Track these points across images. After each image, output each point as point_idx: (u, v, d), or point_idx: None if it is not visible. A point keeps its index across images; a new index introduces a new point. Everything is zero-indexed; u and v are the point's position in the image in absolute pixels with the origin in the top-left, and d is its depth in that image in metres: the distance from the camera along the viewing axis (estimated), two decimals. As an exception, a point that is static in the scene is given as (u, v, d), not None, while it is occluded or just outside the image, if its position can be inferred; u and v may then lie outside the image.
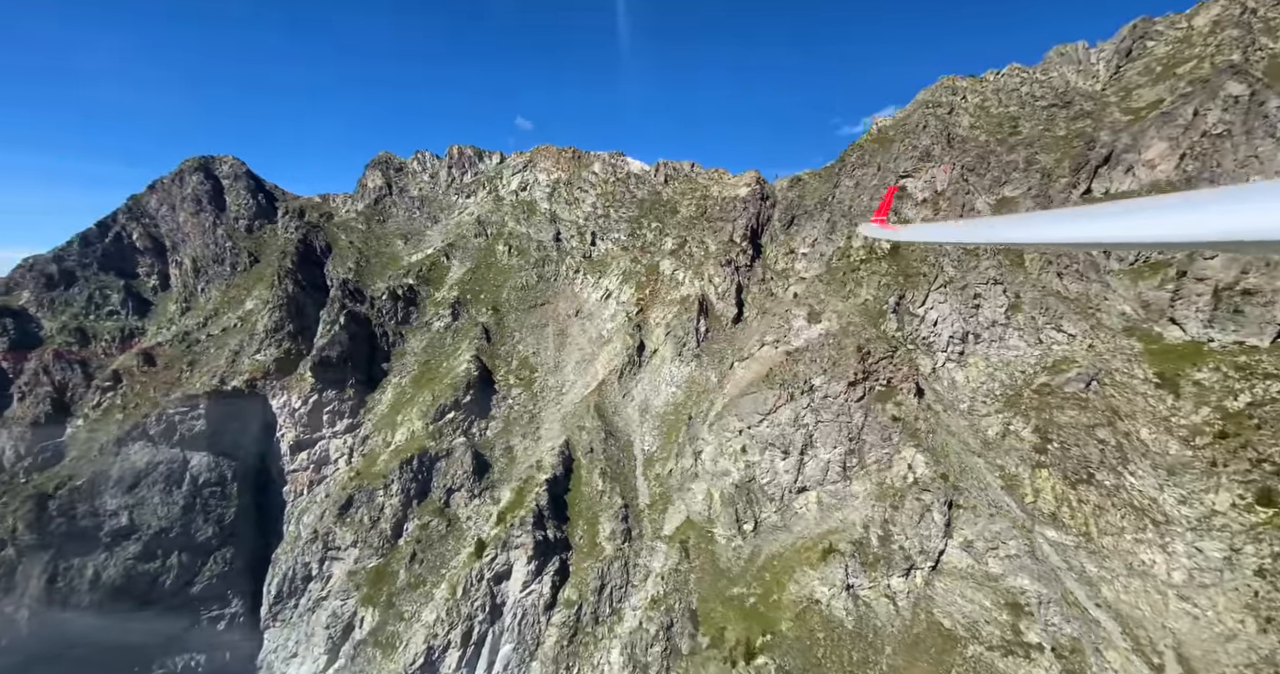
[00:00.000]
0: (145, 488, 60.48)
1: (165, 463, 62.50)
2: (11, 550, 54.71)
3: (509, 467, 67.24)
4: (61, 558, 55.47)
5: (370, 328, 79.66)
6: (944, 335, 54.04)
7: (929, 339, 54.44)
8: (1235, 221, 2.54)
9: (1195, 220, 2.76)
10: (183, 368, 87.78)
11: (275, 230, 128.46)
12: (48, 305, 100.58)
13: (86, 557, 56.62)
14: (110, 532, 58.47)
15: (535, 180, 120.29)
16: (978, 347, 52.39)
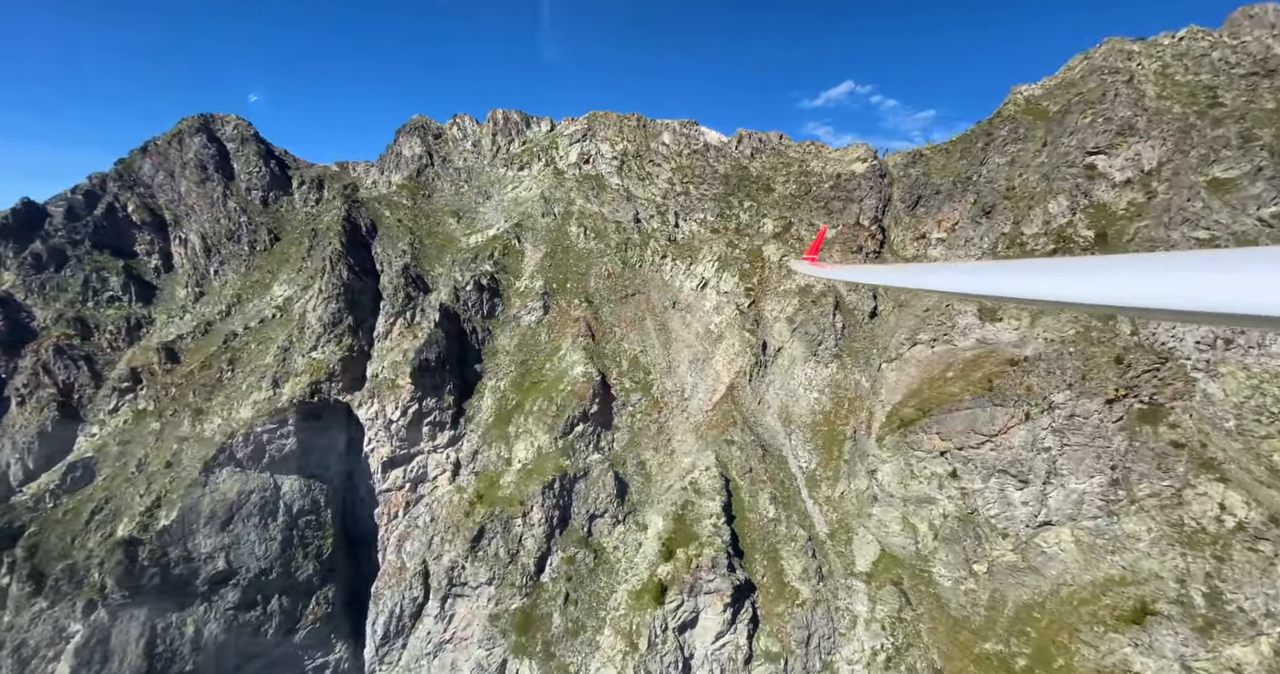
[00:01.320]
0: (240, 523, 50.45)
1: (257, 491, 52.37)
2: (103, 613, 44.39)
3: (645, 486, 59.17)
4: (158, 616, 45.50)
5: (459, 324, 69.09)
6: (1188, 341, 47.64)
7: (1169, 345, 47.94)
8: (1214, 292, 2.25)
9: (1164, 285, 2.51)
10: (222, 367, 75.63)
11: (292, 203, 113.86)
12: (38, 290, 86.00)
13: (185, 612, 46.80)
14: (207, 579, 48.62)
15: (598, 151, 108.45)
16: (1229, 354, 46.23)
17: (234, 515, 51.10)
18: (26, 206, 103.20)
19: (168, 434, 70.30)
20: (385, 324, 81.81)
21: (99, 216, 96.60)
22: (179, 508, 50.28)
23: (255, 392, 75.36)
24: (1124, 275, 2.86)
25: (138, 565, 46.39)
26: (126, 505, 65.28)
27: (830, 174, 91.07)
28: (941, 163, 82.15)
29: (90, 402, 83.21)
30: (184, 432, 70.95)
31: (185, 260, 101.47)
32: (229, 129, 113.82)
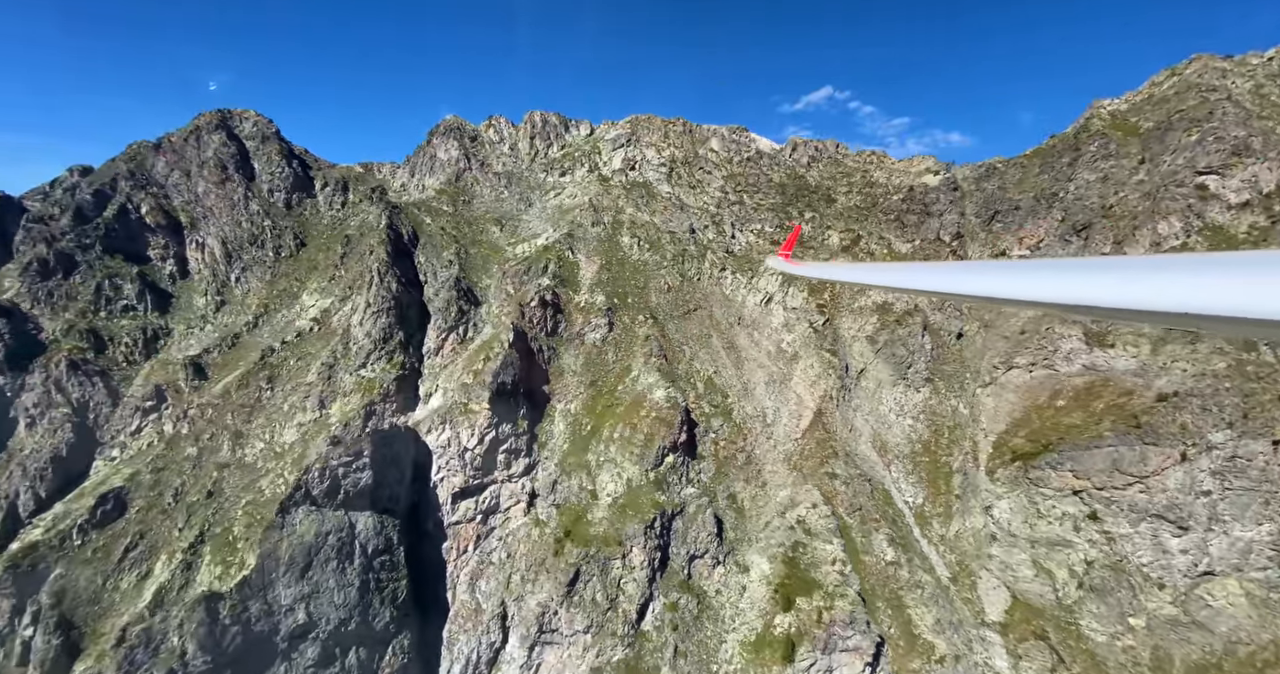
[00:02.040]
0: (318, 569, 45.66)
1: (334, 532, 47.58)
2: (183, 688, 39.18)
3: (739, 522, 55.55)
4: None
5: (526, 342, 64.82)
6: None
7: (1317, 379, 45.83)
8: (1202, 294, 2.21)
9: (1144, 288, 2.54)
10: (260, 385, 70.20)
11: (316, 206, 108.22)
12: (45, 299, 79.46)
13: (265, 673, 41.68)
14: (288, 634, 43.73)
15: (643, 157, 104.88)
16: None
17: (312, 560, 46.23)
18: (2, 201, 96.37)
19: (206, 460, 64.80)
20: (436, 340, 77.14)
21: (110, 219, 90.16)
22: (257, 554, 45.22)
23: (299, 412, 70.18)
24: (1114, 277, 2.80)
25: (219, 625, 41.33)
26: (164, 541, 59.81)
27: (897, 186, 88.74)
28: (1017, 177, 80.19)
29: (107, 422, 76.85)
30: (224, 457, 65.51)
31: (203, 266, 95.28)
32: (248, 126, 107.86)
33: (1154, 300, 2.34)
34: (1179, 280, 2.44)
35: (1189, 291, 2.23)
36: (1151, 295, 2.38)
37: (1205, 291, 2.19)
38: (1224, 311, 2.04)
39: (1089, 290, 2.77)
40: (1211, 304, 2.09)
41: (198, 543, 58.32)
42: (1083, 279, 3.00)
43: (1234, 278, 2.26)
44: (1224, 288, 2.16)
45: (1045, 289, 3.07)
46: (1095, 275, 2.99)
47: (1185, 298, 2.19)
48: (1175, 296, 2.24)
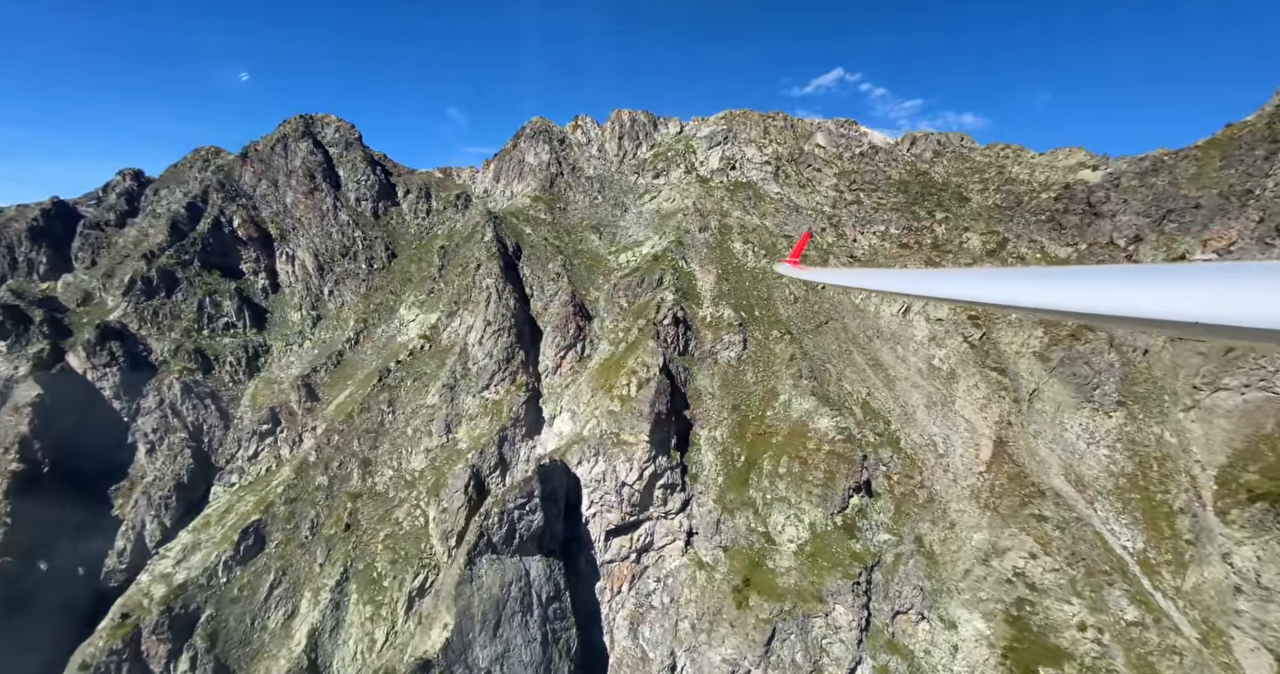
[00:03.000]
0: (506, 624, 42.56)
1: (515, 582, 44.48)
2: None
3: (932, 570, 50.84)
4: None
5: (664, 363, 60.80)
6: None
7: None
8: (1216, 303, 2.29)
9: (1171, 296, 2.57)
10: (381, 408, 67.74)
11: (401, 214, 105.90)
12: (150, 319, 78.44)
13: None
14: None
15: (743, 155, 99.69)
16: None
17: (501, 615, 43.15)
18: (57, 206, 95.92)
19: (337, 490, 62.64)
20: (554, 358, 73.81)
21: (205, 233, 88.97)
22: (454, 613, 42.23)
23: (424, 437, 67.68)
24: (1138, 286, 2.82)
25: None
26: (305, 576, 57.86)
27: (1044, 182, 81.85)
28: (1191, 171, 72.89)
29: (220, 445, 75.77)
30: (355, 486, 63.30)
31: (295, 279, 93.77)
32: (330, 131, 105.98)
33: (1179, 309, 2.36)
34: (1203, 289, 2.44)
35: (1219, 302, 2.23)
36: (1177, 304, 2.40)
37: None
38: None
39: (1125, 299, 2.73)
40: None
41: (343, 580, 56.12)
42: (1118, 287, 2.92)
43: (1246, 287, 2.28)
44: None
45: (1076, 297, 3.03)
46: (1130, 282, 2.91)
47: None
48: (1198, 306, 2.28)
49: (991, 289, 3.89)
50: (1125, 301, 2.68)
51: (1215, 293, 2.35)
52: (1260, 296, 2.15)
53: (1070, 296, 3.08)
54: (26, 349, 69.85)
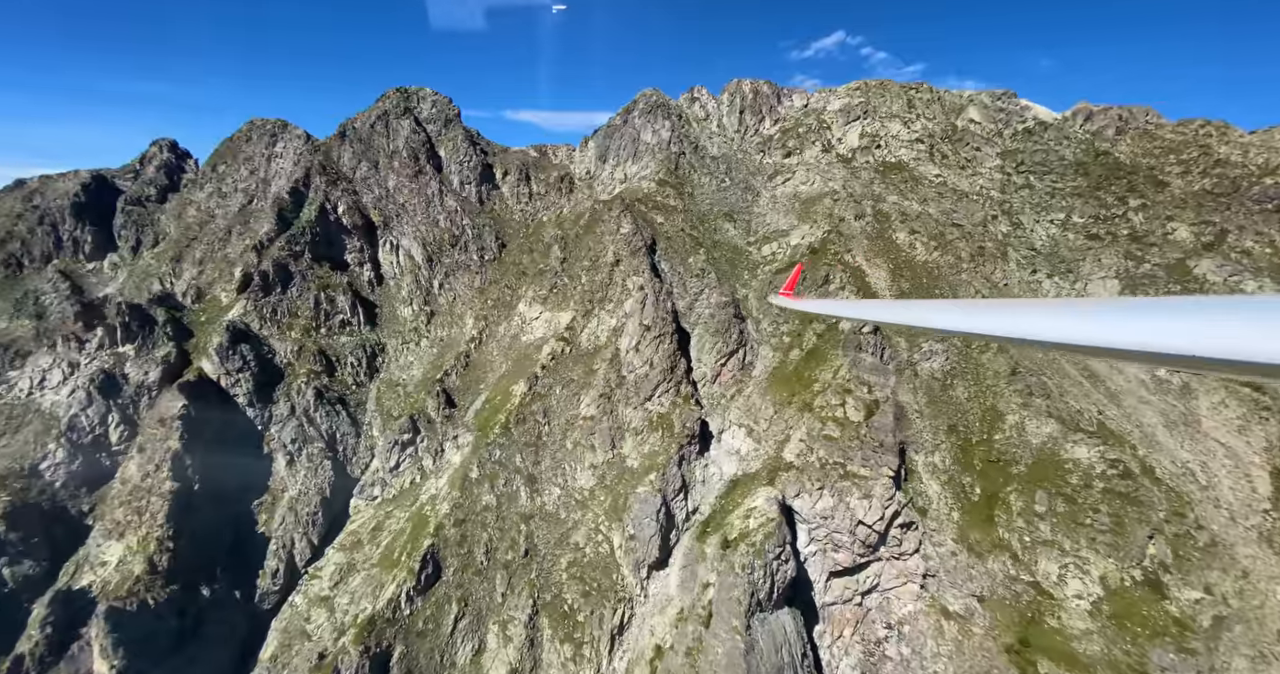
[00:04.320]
0: None
1: (784, 645, 39.67)
2: None
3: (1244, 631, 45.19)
4: None
5: (892, 385, 54.80)
6: None
7: None
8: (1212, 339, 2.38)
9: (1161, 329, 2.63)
10: (536, 418, 63.14)
11: (503, 198, 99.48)
12: (269, 317, 73.94)
13: None
14: None
15: (886, 132, 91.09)
16: None
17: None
18: (97, 181, 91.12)
19: (507, 509, 58.65)
20: (713, 365, 68.28)
21: (311, 221, 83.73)
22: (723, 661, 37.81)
23: (587, 452, 63.13)
24: (1150, 320, 2.82)
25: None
26: (488, 608, 54.42)
27: (1263, 165, 72.79)
28: None
29: (354, 454, 72.25)
30: (524, 506, 59.25)
31: (402, 271, 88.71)
32: (426, 107, 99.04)
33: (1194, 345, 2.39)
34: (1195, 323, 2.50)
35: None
36: (1181, 338, 2.44)
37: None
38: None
39: (1124, 333, 2.77)
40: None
41: (534, 615, 52.41)
42: (1119, 320, 2.98)
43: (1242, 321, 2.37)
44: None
45: (1077, 329, 3.06)
46: (1131, 316, 2.96)
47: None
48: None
49: (1003, 322, 3.82)
50: (1157, 336, 2.58)
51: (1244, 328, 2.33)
52: None
53: (1094, 330, 2.97)
54: (154, 352, 66.08)
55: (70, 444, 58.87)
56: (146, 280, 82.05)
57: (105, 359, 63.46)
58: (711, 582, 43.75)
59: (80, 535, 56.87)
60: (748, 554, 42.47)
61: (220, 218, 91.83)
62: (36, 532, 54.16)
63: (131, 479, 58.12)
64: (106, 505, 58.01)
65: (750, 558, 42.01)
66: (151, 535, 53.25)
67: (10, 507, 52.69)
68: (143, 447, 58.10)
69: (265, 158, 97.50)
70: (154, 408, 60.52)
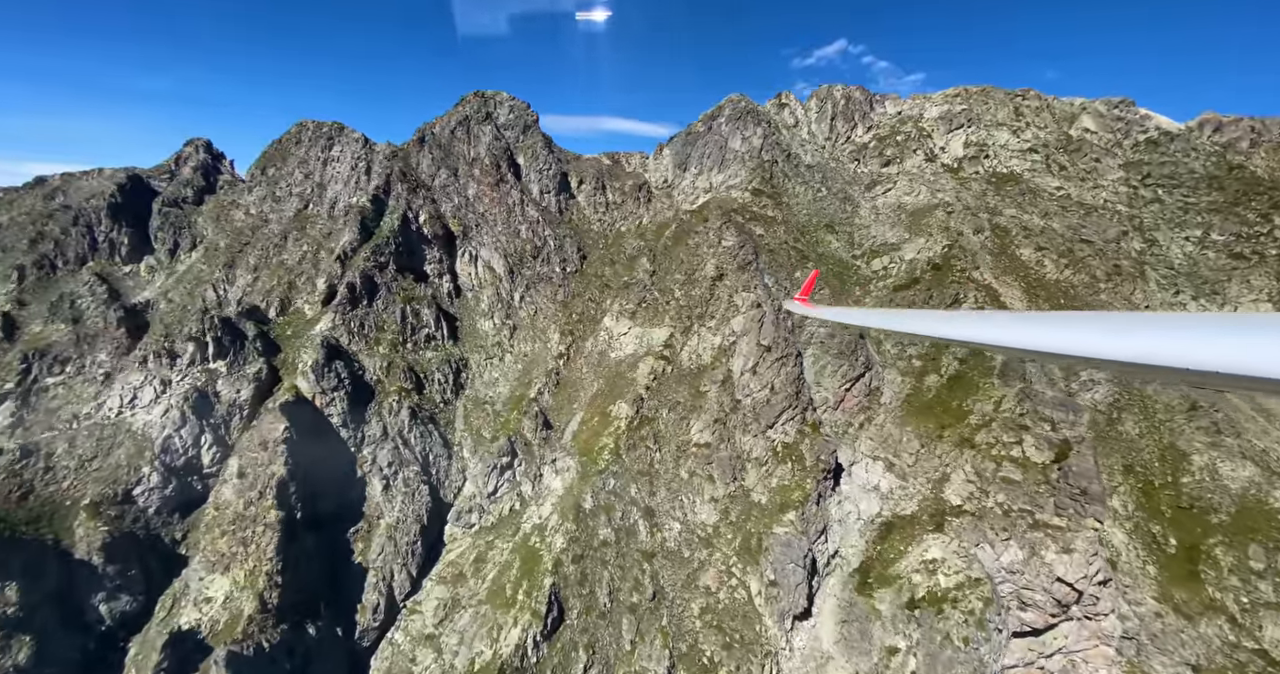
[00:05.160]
0: None
1: None
2: None
3: None
4: None
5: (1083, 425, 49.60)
6: None
7: None
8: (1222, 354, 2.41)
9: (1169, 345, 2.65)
10: (647, 445, 58.83)
11: (579, 207, 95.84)
12: (357, 332, 70.47)
13: None
14: None
15: (993, 141, 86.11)
16: None
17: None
18: (133, 181, 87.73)
19: (627, 546, 54.20)
20: (835, 391, 63.46)
21: (394, 231, 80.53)
22: None
23: (706, 485, 58.62)
24: (1164, 334, 2.80)
25: None
26: (617, 657, 49.83)
27: None
28: None
29: (446, 477, 68.46)
30: (644, 543, 54.82)
31: (482, 283, 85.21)
32: (504, 112, 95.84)
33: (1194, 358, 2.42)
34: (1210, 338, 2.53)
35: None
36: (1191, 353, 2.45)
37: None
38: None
39: (1146, 346, 2.72)
40: None
41: (671, 669, 47.78)
42: (1138, 334, 2.94)
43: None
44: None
45: (1098, 343, 3.02)
46: (1150, 331, 2.94)
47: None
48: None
49: (1016, 333, 3.82)
50: (1177, 351, 2.55)
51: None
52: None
53: (1108, 343, 2.97)
54: (245, 368, 62.90)
55: (164, 467, 55.65)
56: (199, 286, 78.65)
57: (197, 376, 60.33)
58: (901, 647, 38.93)
59: (174, 566, 53.47)
60: (966, 624, 37.59)
61: (275, 223, 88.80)
62: (133, 563, 50.82)
63: (228, 506, 54.64)
64: (203, 534, 54.58)
65: (971, 629, 37.11)
66: (260, 570, 49.59)
67: (108, 537, 49.36)
68: (243, 471, 54.63)
69: (320, 161, 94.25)
70: (253, 429, 57.12)
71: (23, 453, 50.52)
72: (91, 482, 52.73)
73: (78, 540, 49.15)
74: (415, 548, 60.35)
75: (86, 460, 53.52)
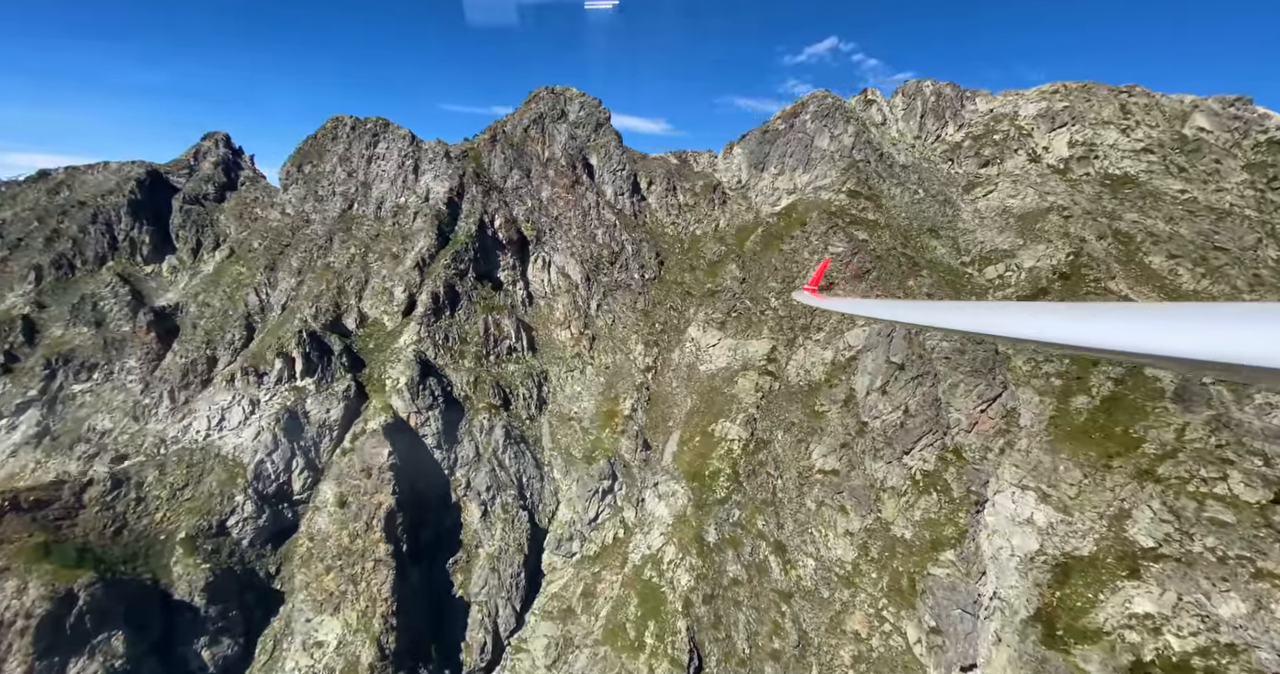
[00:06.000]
0: None
1: None
2: None
3: None
4: None
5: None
6: None
7: None
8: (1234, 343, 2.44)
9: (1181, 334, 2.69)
10: (768, 471, 54.29)
11: (650, 209, 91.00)
12: (442, 344, 66.12)
13: None
14: None
15: (1101, 140, 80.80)
16: None
17: None
18: (151, 177, 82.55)
19: (760, 585, 49.64)
20: (969, 411, 58.56)
21: (472, 236, 75.98)
22: None
23: (837, 516, 54.00)
24: (1170, 324, 2.87)
25: None
26: (762, 713, 45.19)
27: None
28: None
29: (539, 501, 64.09)
30: (778, 581, 50.21)
31: (556, 290, 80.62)
32: (575, 108, 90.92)
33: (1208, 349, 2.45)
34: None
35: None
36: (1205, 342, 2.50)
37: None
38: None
39: (1160, 337, 2.77)
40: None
41: (830, 727, 43.26)
42: (1152, 324, 2.95)
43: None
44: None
45: (1107, 334, 3.08)
46: (1160, 321, 2.95)
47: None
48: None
49: (1025, 324, 3.94)
50: (1178, 340, 2.62)
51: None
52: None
53: (1115, 333, 3.00)
54: (333, 386, 58.58)
55: (257, 495, 51.45)
56: (240, 290, 73.73)
57: (285, 395, 56.06)
58: (1134, 719, 34.17)
59: (271, 603, 49.35)
60: None
61: (318, 223, 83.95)
62: (233, 603, 46.70)
63: (327, 537, 50.42)
64: (297, 566, 50.40)
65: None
66: (375, 611, 45.37)
67: (211, 576, 45.20)
68: (344, 500, 50.37)
69: (364, 159, 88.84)
70: (352, 453, 52.83)
71: (113, 482, 46.34)
72: (184, 512, 48.57)
73: (176, 579, 45.04)
74: (519, 580, 56.07)
75: (178, 489, 49.34)
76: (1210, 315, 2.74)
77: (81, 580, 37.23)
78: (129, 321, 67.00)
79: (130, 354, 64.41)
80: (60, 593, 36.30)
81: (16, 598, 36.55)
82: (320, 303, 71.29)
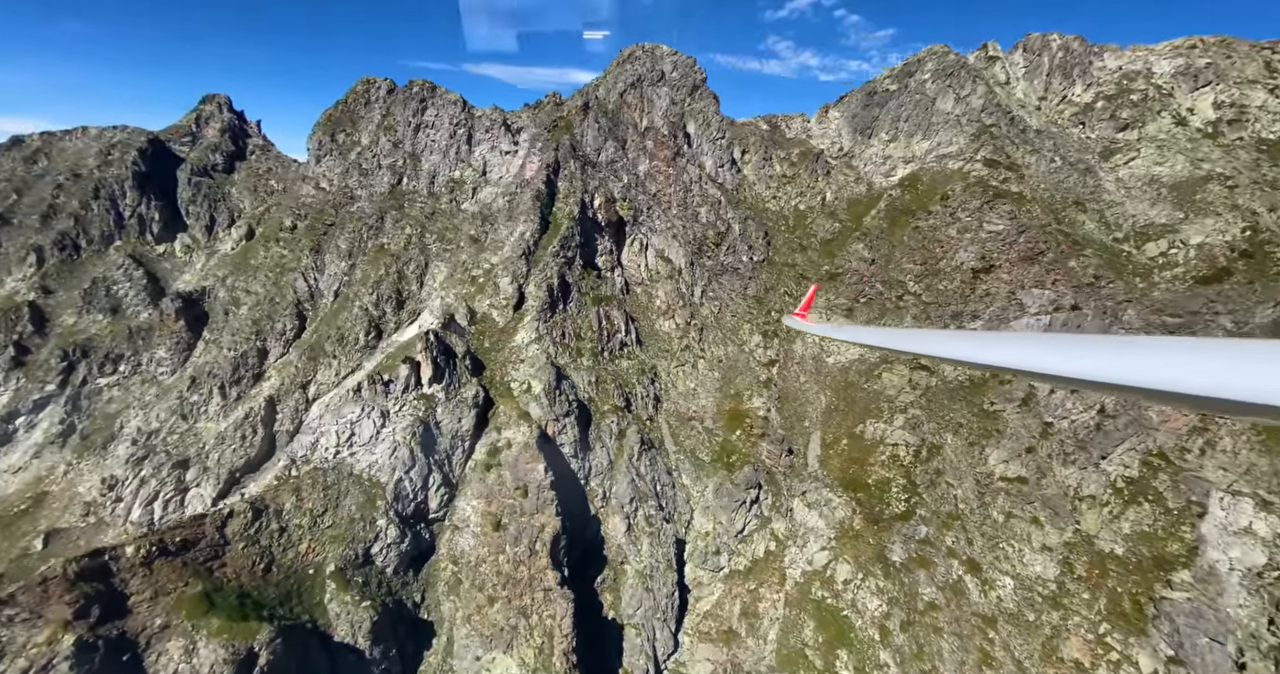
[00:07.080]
0: None
1: None
2: None
3: None
4: None
5: None
6: None
7: None
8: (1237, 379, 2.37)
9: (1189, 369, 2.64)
10: (947, 481, 49.29)
11: (749, 184, 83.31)
12: (559, 342, 60.08)
13: None
14: None
15: (1250, 101, 72.61)
16: None
17: None
18: (154, 146, 74.18)
19: (960, 611, 45.03)
20: (1157, 411, 52.77)
21: (574, 219, 68.73)
22: None
23: (1032, 529, 49.10)
24: (1164, 359, 2.83)
25: None
26: (982, 750, 41.21)
27: None
28: None
29: (675, 510, 59.18)
30: (978, 604, 45.63)
31: (656, 276, 73.94)
32: (667, 68, 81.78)
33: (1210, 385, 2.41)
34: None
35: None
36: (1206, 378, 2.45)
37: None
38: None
39: (1152, 372, 2.72)
40: None
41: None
42: (1145, 358, 2.90)
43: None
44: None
45: (1106, 367, 3.00)
46: (1156, 355, 2.91)
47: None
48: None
49: (1025, 356, 3.74)
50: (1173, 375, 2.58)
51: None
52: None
53: (1119, 367, 2.92)
54: (461, 392, 52.71)
55: (399, 517, 46.32)
56: (285, 275, 66.36)
57: (415, 405, 50.23)
58: None
59: (422, 637, 44.86)
60: None
61: (364, 200, 75.64)
62: (391, 640, 42.11)
63: (478, 561, 45.57)
64: (443, 594, 45.74)
65: None
66: (554, 648, 40.85)
67: (374, 614, 40.39)
68: (502, 523, 45.26)
69: (411, 127, 79.71)
70: (503, 469, 47.41)
71: (254, 513, 40.96)
72: (328, 541, 43.47)
73: (334, 618, 40.28)
74: (674, 599, 51.67)
75: (318, 515, 44.10)
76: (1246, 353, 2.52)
77: (261, 637, 32.29)
78: (148, 308, 60.64)
79: (158, 344, 58.44)
80: (241, 654, 31.31)
81: (185, 661, 31.60)
82: (381, 289, 64.45)
